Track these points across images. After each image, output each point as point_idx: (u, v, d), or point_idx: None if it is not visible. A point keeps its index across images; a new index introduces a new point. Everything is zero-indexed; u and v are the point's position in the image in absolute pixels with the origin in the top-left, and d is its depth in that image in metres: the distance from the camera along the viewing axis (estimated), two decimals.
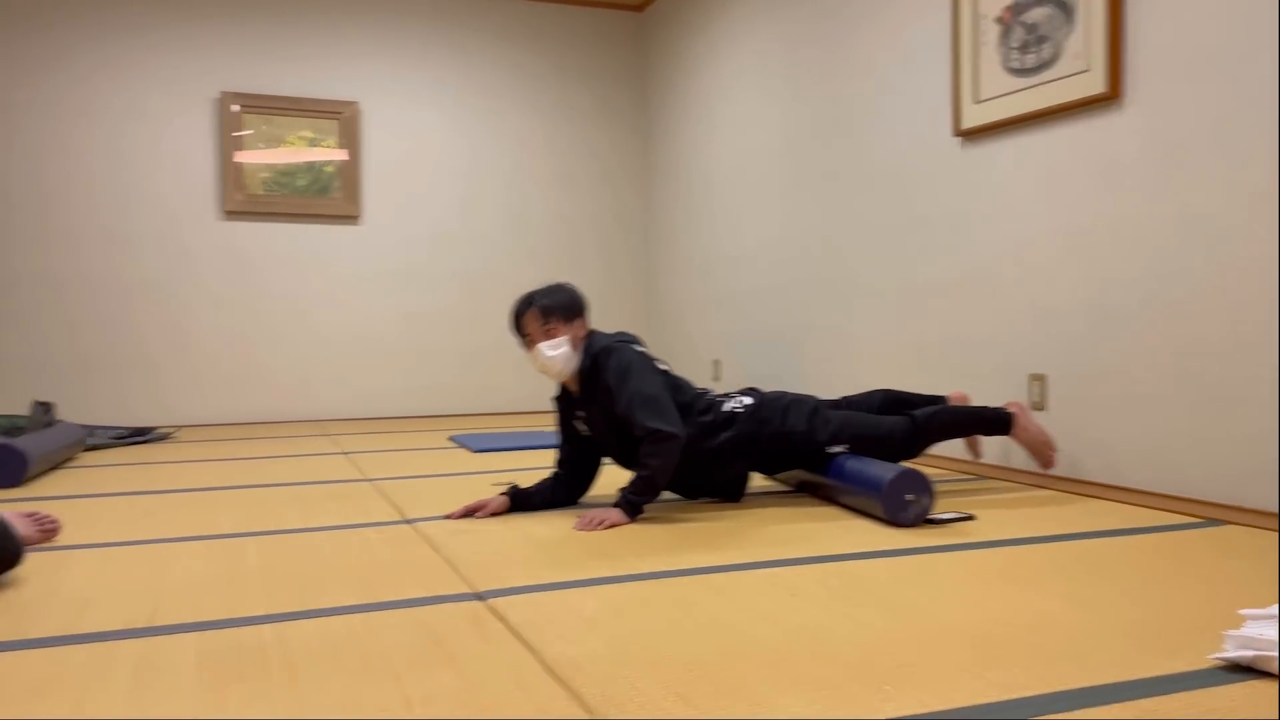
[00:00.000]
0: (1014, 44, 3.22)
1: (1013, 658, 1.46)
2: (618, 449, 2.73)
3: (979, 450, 3.23)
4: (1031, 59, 3.15)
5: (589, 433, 2.76)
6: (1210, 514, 2.58)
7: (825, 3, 4.31)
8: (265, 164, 5.57)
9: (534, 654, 1.50)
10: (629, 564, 2.10)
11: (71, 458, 3.98)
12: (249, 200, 5.52)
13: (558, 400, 2.83)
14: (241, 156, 5.49)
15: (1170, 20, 2.70)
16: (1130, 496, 2.82)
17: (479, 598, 1.84)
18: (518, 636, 1.59)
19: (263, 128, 5.55)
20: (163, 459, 4.03)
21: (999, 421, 2.96)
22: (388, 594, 1.88)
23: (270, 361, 5.60)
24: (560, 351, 2.65)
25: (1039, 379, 3.16)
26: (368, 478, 3.44)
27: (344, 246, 5.75)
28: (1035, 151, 3.18)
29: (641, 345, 2.77)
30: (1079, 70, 2.96)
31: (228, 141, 5.44)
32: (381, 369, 5.82)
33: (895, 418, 2.88)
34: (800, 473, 2.91)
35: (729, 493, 2.84)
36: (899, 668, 1.42)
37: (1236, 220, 2.53)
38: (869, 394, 3.14)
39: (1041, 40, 3.11)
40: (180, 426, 5.28)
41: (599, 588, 1.90)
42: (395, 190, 5.84)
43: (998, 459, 3.31)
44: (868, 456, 2.70)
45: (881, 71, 3.94)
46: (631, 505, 2.53)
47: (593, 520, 2.46)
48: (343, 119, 5.67)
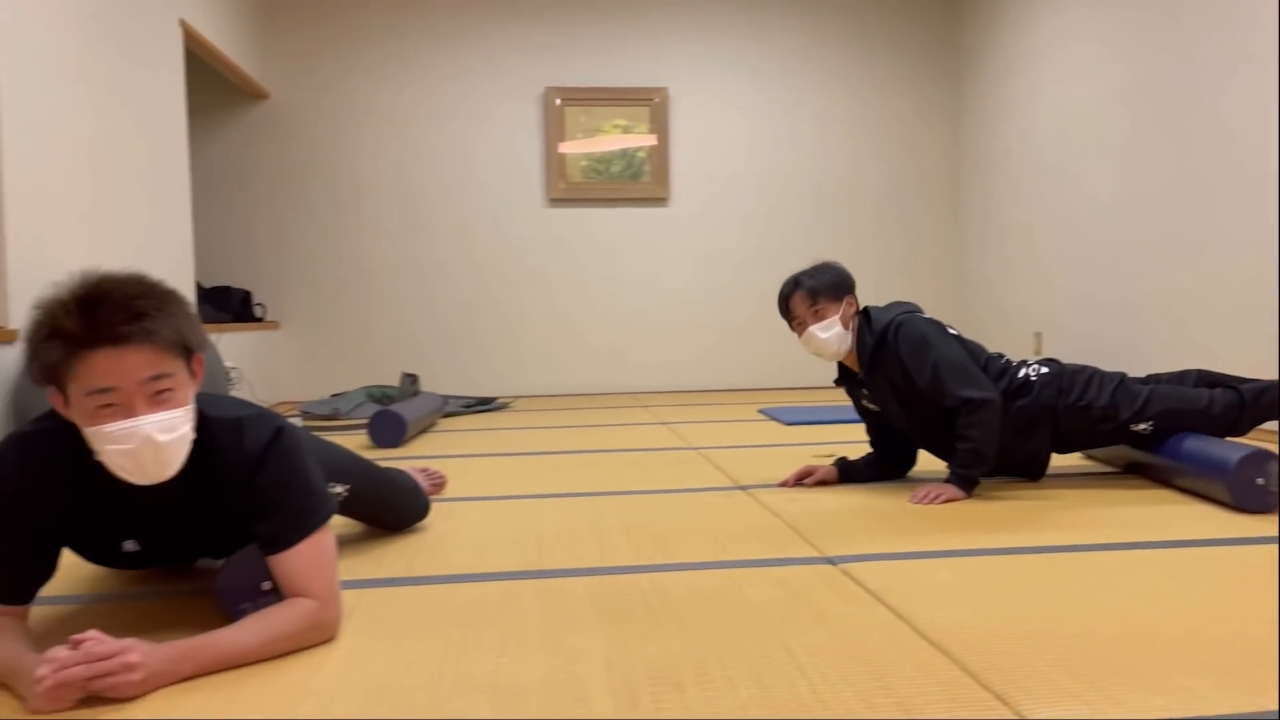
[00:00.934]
0: None
1: None
2: (911, 424, 2.65)
3: None
4: None
5: (878, 410, 2.71)
6: None
7: None
8: (583, 153, 5.95)
9: (901, 618, 1.54)
10: (974, 538, 2.08)
11: (434, 423, 4.51)
12: (569, 188, 5.93)
13: (839, 382, 2.78)
14: (564, 147, 5.91)
15: None
16: None
17: (829, 562, 1.91)
18: (879, 600, 1.64)
19: (581, 119, 5.93)
20: (508, 425, 4.46)
21: None
22: (741, 553, 2.00)
23: (589, 337, 6.02)
24: (832, 333, 2.59)
25: None
26: (691, 446, 3.62)
27: (654, 228, 6.04)
28: None
29: (922, 311, 2.67)
30: None
31: (552, 134, 5.88)
32: (690, 343, 6.07)
33: (1216, 390, 2.58)
34: (1124, 450, 2.70)
35: (1028, 471, 2.66)
36: None
37: None
38: (1181, 373, 2.81)
39: None
40: (515, 397, 5.81)
41: (949, 560, 1.91)
42: (701, 171, 6.04)
43: None
44: (1182, 433, 2.47)
45: (1245, 8, 3.53)
46: (965, 479, 2.47)
47: (928, 494, 2.45)
48: (653, 105, 5.94)
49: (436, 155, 5.88)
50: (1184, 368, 3.06)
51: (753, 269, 6.08)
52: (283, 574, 1.44)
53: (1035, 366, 2.61)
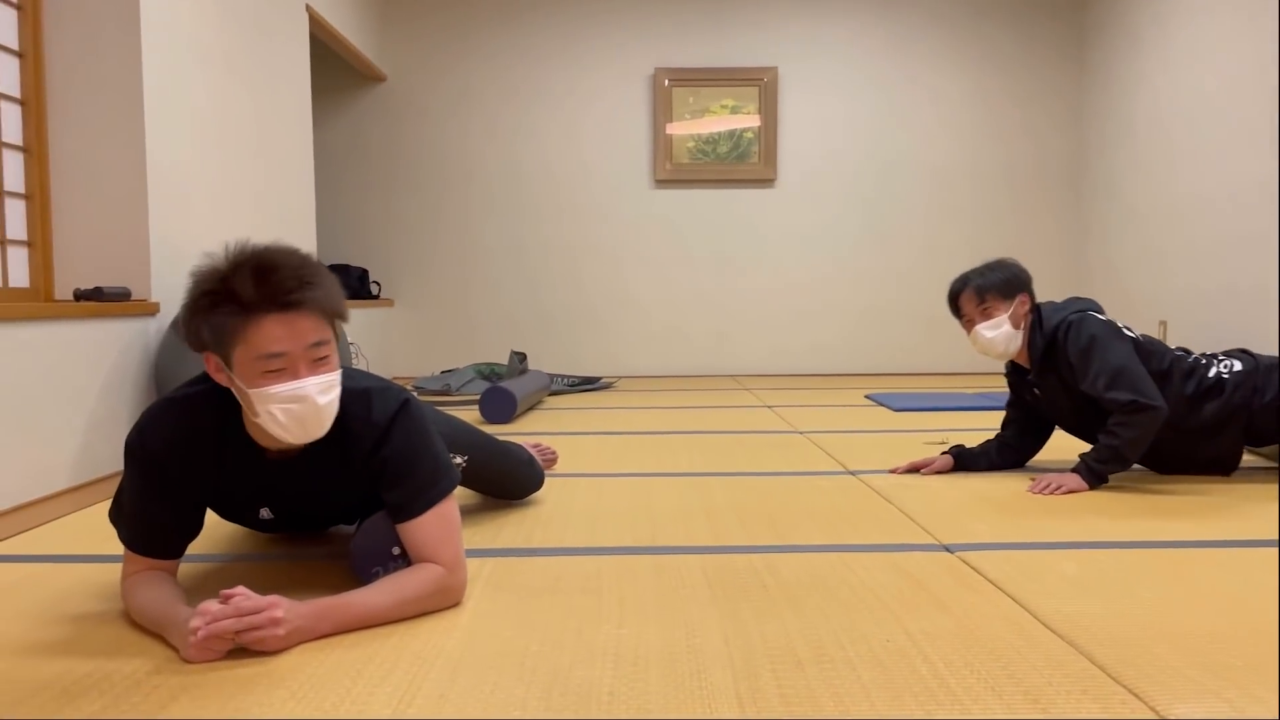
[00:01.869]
0: None
1: None
2: (1077, 423, 2.59)
3: None
4: None
5: (1045, 408, 2.64)
6: None
7: None
8: (691, 134, 5.94)
9: (1024, 607, 1.51)
10: (1097, 530, 2.02)
11: (541, 401, 4.59)
12: (676, 169, 5.93)
13: (1008, 375, 2.73)
14: (672, 128, 5.91)
15: None
16: None
17: (946, 549, 1.88)
18: (1000, 589, 1.61)
19: (689, 100, 5.92)
20: (613, 405, 4.51)
21: None
22: (855, 538, 1.99)
23: (693, 319, 6.02)
24: (1000, 332, 2.53)
25: None
26: (797, 430, 3.60)
27: (760, 209, 5.99)
28: None
29: (1099, 311, 2.58)
30: None
31: (660, 115, 5.88)
32: (794, 327, 6.01)
33: None
34: None
35: (1218, 468, 2.56)
36: None
37: None
38: None
39: None
40: (618, 377, 5.86)
41: (1074, 551, 1.86)
42: (810, 152, 5.96)
43: None
44: None
45: None
46: (1094, 473, 2.40)
47: (1050, 484, 2.38)
48: (762, 85, 5.88)
49: (545, 136, 5.95)
50: None
51: (861, 252, 5.98)
52: (411, 541, 1.50)
53: (1227, 363, 2.49)
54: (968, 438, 2.88)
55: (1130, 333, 2.51)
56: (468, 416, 3.71)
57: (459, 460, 1.94)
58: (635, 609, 1.52)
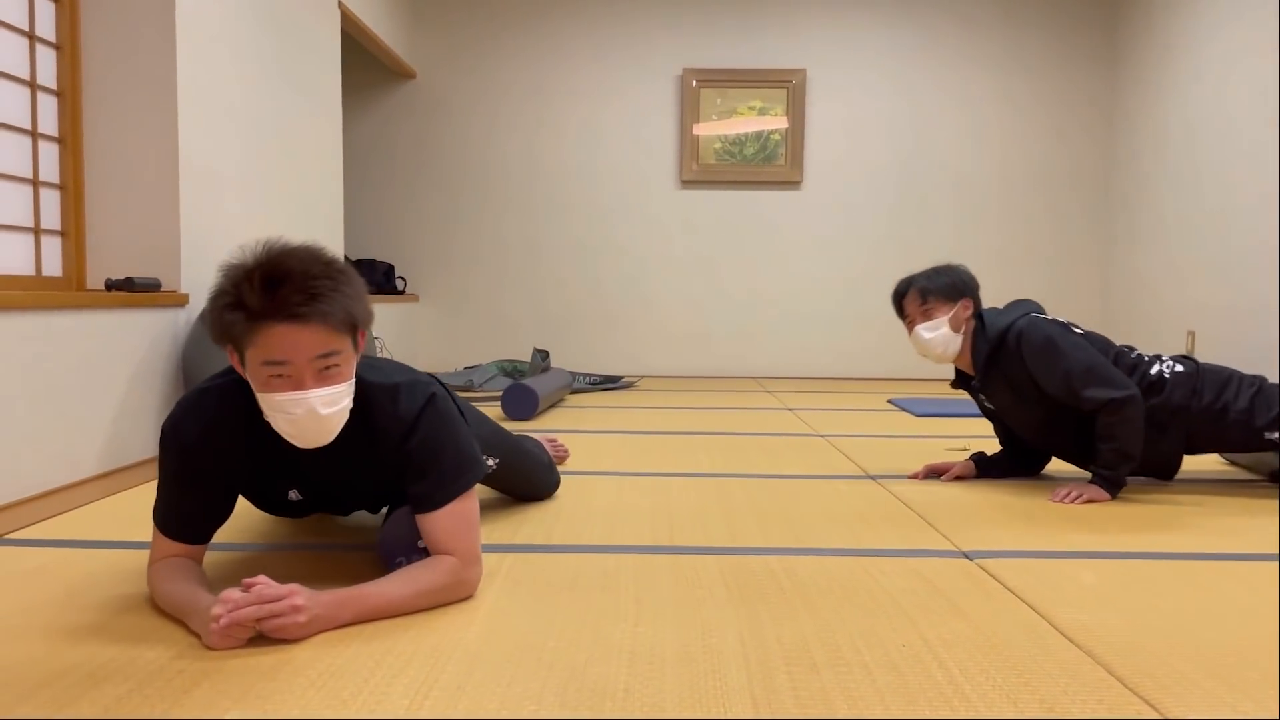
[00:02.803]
0: None
1: None
2: (1030, 429, 2.58)
3: None
4: None
5: (1005, 419, 2.64)
6: None
7: None
8: (717, 134, 5.94)
9: (1041, 616, 1.50)
10: (1116, 540, 2.00)
11: (562, 399, 4.61)
12: (703, 170, 5.93)
13: (955, 384, 2.72)
14: (699, 129, 5.91)
15: None
16: None
17: (965, 556, 1.88)
18: (1019, 597, 1.60)
19: (717, 100, 5.91)
20: (634, 404, 4.52)
21: None
22: (874, 542, 1.98)
23: (715, 320, 6.02)
24: (938, 334, 2.54)
25: None
26: (818, 433, 3.59)
27: (786, 211, 5.98)
28: None
29: (1042, 311, 2.56)
30: None
31: (687, 115, 5.89)
32: (817, 330, 6.00)
33: None
34: (1271, 458, 2.55)
35: (1159, 471, 2.54)
36: None
37: None
38: None
39: None
40: (640, 376, 5.87)
41: (1093, 561, 1.85)
42: (837, 154, 5.94)
43: None
44: None
45: None
46: (1110, 481, 2.38)
47: (1071, 493, 2.37)
48: (791, 87, 5.87)
49: (572, 136, 5.97)
50: None
51: (887, 256, 5.95)
52: (429, 533, 1.52)
53: (1170, 363, 2.48)
54: (990, 444, 2.87)
55: (1077, 329, 2.50)
56: (489, 413, 3.72)
57: (490, 462, 1.97)
58: (652, 608, 1.53)
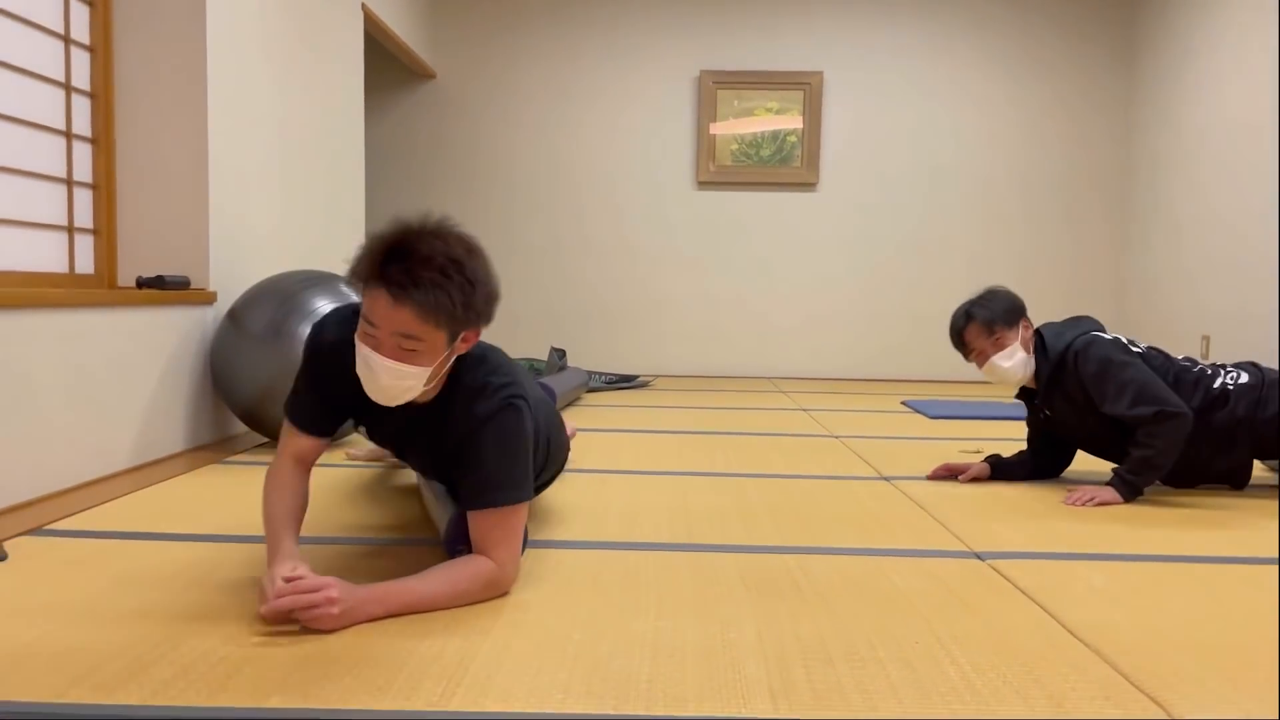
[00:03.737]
0: None
1: None
2: (1090, 440, 2.62)
3: None
4: None
5: (1058, 429, 2.67)
6: None
7: None
8: (733, 135, 5.98)
9: (1052, 616, 1.54)
10: (1128, 543, 2.04)
11: (579, 398, 4.66)
12: (719, 171, 5.97)
13: (1019, 398, 2.75)
14: (715, 128, 5.95)
15: None
16: None
17: (978, 557, 1.91)
18: (1030, 597, 1.64)
19: (734, 102, 5.95)
20: (650, 404, 4.57)
21: None
22: (887, 542, 2.02)
23: (731, 320, 6.06)
24: (1016, 360, 2.55)
25: None
26: (833, 434, 3.63)
27: (802, 213, 6.02)
28: None
29: (1102, 329, 2.60)
30: None
31: (704, 117, 5.93)
32: (832, 331, 6.03)
33: None
34: None
35: (1231, 480, 2.59)
36: None
37: None
38: None
39: None
40: (656, 375, 5.92)
41: (1104, 563, 1.88)
42: (853, 157, 5.97)
43: None
44: None
45: None
46: (1128, 485, 2.41)
47: (1085, 497, 2.40)
48: (808, 89, 5.90)
49: (590, 135, 6.02)
50: None
51: (902, 258, 5.99)
52: (474, 530, 1.58)
53: (1234, 374, 2.50)
54: (1004, 447, 2.91)
55: (1137, 347, 2.53)
56: None
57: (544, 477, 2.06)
58: (673, 603, 1.58)
